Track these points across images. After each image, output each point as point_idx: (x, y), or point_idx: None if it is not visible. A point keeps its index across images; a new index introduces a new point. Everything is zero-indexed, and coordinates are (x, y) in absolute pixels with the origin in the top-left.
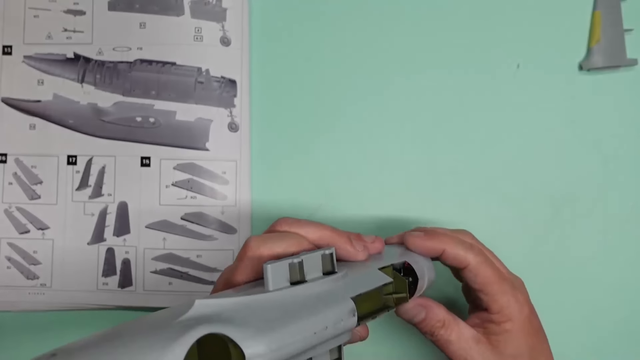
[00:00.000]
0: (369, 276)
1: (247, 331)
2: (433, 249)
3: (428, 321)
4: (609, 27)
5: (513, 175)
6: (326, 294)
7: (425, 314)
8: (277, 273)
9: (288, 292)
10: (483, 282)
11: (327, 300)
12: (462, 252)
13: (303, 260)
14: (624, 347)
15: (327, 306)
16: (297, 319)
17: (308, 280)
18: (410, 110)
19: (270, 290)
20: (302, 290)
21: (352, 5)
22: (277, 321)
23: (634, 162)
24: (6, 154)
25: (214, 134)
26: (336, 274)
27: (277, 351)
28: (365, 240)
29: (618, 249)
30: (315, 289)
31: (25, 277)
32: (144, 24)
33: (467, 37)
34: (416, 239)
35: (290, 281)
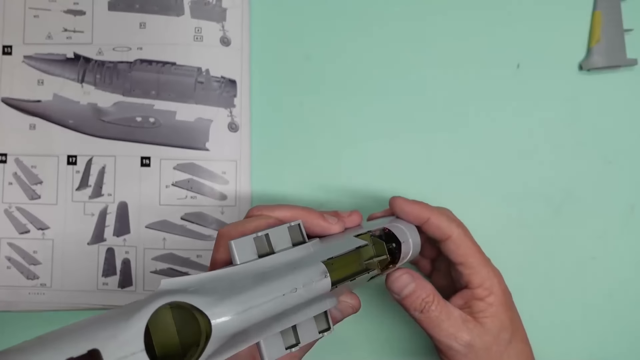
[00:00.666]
0: (342, 242)
1: (210, 298)
2: (418, 215)
3: (418, 294)
4: (609, 27)
5: (513, 175)
6: (295, 260)
7: (414, 286)
8: (243, 247)
9: (256, 263)
10: (465, 253)
11: (296, 265)
12: (445, 222)
13: (269, 233)
14: (624, 347)
15: (295, 269)
16: (263, 283)
17: (277, 251)
18: (410, 110)
19: (238, 263)
20: (270, 260)
21: (352, 5)
22: (243, 287)
23: (634, 162)
24: (6, 154)
25: (214, 134)
26: (306, 243)
27: (243, 313)
28: (341, 214)
29: (618, 249)
30: (284, 257)
31: (25, 277)
32: (144, 24)
33: (467, 37)
34: (401, 201)
35: (258, 254)
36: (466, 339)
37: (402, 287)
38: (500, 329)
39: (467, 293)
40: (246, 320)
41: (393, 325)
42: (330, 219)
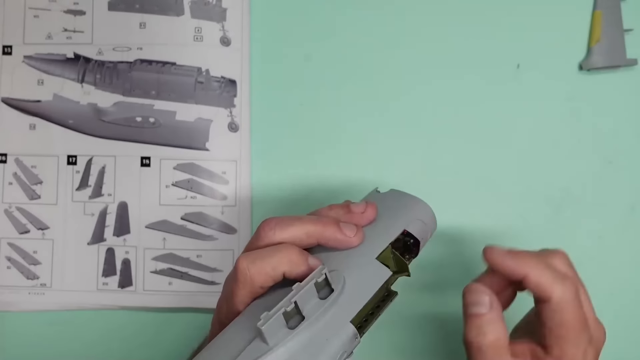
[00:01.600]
0: (367, 277)
1: None
2: (513, 270)
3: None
4: (609, 27)
5: (513, 175)
6: (325, 328)
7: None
8: (273, 327)
9: (289, 341)
10: (560, 324)
11: (326, 336)
12: (548, 281)
13: (297, 301)
14: (624, 347)
15: (329, 342)
16: None
17: (306, 316)
18: (410, 111)
19: (271, 346)
20: (301, 333)
21: (352, 6)
22: None
23: (634, 162)
24: (6, 154)
25: (214, 134)
26: (332, 294)
27: None
28: (354, 211)
29: (618, 249)
30: (315, 325)
31: (25, 277)
32: (144, 24)
33: (467, 38)
34: (496, 254)
35: (289, 326)
36: None
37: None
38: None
39: (537, 352)
40: None
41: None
42: (348, 230)
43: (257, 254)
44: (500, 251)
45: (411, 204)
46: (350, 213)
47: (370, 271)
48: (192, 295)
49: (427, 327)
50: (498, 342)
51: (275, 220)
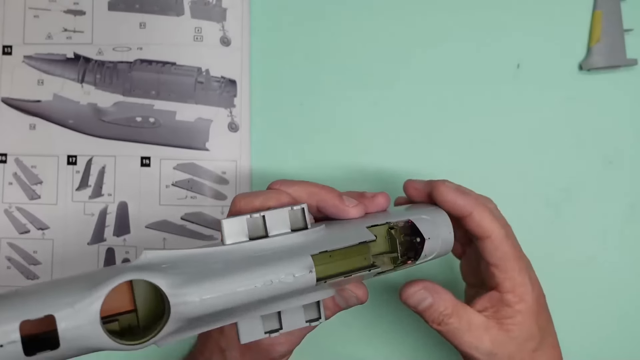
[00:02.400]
0: (348, 233)
1: (177, 279)
2: (462, 208)
3: (435, 308)
4: (609, 27)
5: (513, 175)
6: (282, 249)
7: (431, 300)
8: (234, 227)
9: (243, 246)
10: (502, 256)
11: (281, 255)
12: (488, 220)
13: (266, 215)
14: (624, 348)
15: (277, 261)
16: (236, 272)
17: (270, 236)
18: (410, 111)
19: (226, 244)
20: (258, 245)
21: (352, 6)
22: (215, 273)
23: (634, 162)
24: (6, 154)
25: (214, 134)
26: (305, 230)
27: (209, 301)
28: (366, 195)
29: (618, 249)
30: (275, 244)
31: (25, 277)
32: (144, 24)
33: (468, 37)
34: (449, 190)
35: (250, 236)
36: (488, 347)
37: (417, 303)
38: (527, 338)
39: (496, 296)
40: (211, 306)
41: (403, 325)
42: (349, 201)
43: (252, 192)
44: (452, 188)
45: (430, 208)
46: (361, 195)
47: (352, 230)
48: None
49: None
50: (458, 314)
51: (284, 179)
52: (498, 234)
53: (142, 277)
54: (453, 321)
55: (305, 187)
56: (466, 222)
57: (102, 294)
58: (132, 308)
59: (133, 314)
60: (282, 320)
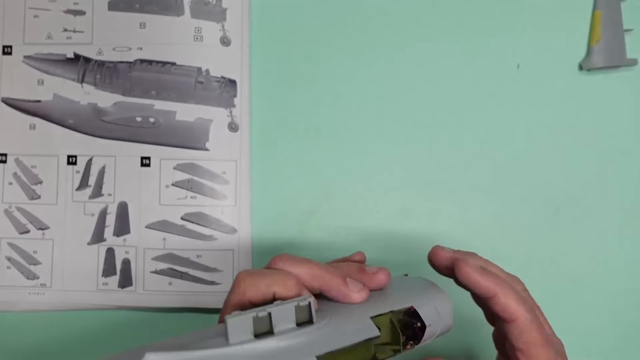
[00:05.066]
0: (353, 327)
1: None
2: (486, 290)
3: None
4: (609, 27)
5: (513, 176)
6: (288, 350)
7: None
8: (239, 327)
9: (249, 347)
10: (528, 342)
11: (288, 357)
12: (514, 303)
13: (271, 312)
14: (624, 348)
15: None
16: None
17: (276, 333)
18: (410, 111)
19: (230, 344)
20: (264, 345)
21: (352, 6)
22: None
23: (634, 162)
24: (6, 154)
25: (214, 134)
26: (311, 326)
27: None
28: (366, 271)
29: (617, 249)
30: (280, 343)
31: (25, 277)
32: (144, 24)
33: (468, 38)
34: (471, 272)
35: (255, 333)
36: None
37: None
38: None
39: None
40: None
41: None
42: (353, 285)
43: (257, 271)
44: (477, 269)
45: (432, 291)
46: (362, 272)
47: (358, 324)
48: (192, 295)
49: None
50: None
51: (288, 255)
52: (524, 318)
53: None
54: None
55: (310, 270)
56: (491, 304)
57: None
58: None
59: None
60: None
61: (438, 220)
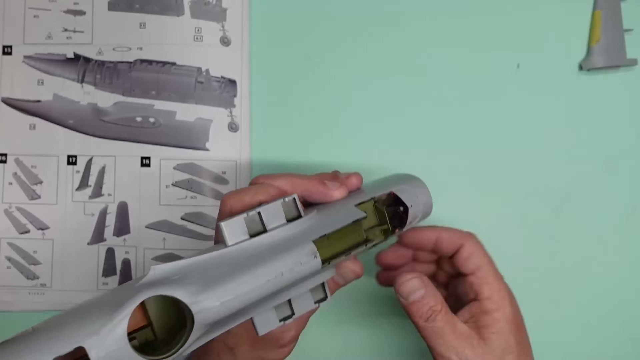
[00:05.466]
0: (340, 214)
1: (193, 287)
2: (428, 237)
3: (426, 301)
4: (609, 27)
5: (513, 175)
6: (284, 240)
7: (424, 292)
8: (233, 228)
9: (246, 244)
10: (477, 264)
11: (285, 246)
12: (458, 234)
13: (261, 211)
14: (624, 347)
15: (282, 252)
16: (247, 270)
17: (269, 230)
18: (411, 111)
19: (229, 245)
20: (260, 240)
21: (352, 5)
22: (227, 275)
23: (634, 162)
24: (6, 154)
25: (214, 134)
26: (300, 219)
27: (227, 302)
28: (340, 177)
29: (618, 249)
30: (275, 237)
31: (25, 277)
32: (144, 24)
33: (467, 38)
34: (408, 232)
35: (250, 234)
36: (468, 355)
37: (410, 292)
38: (505, 350)
39: (475, 306)
40: (231, 307)
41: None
42: (331, 184)
43: (241, 190)
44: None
45: (408, 179)
46: (336, 177)
47: (344, 211)
48: None
49: None
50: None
51: (266, 174)
52: (469, 243)
53: (160, 292)
54: (440, 319)
55: (289, 179)
56: (439, 246)
57: (126, 315)
58: (146, 323)
59: (148, 328)
60: (293, 307)
61: (438, 220)
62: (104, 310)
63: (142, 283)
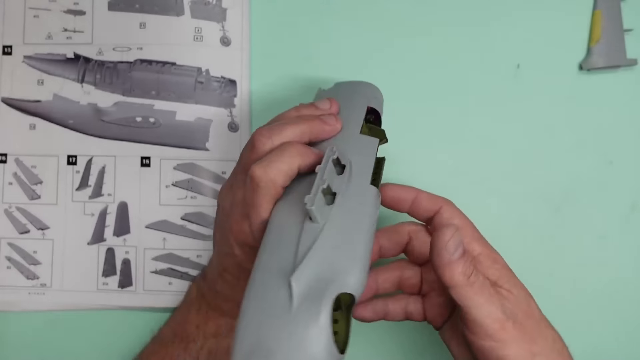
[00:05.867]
0: (363, 147)
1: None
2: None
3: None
4: (609, 27)
5: (513, 175)
6: (354, 194)
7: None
8: (319, 205)
9: (332, 215)
10: (459, 223)
11: (358, 199)
12: (436, 197)
13: (326, 179)
14: (624, 348)
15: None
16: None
17: (336, 191)
18: (410, 111)
19: (321, 223)
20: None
21: (352, 6)
22: (351, 251)
23: (634, 162)
24: (6, 154)
25: (214, 134)
26: (345, 168)
27: (365, 268)
28: (322, 107)
29: (618, 249)
30: (346, 196)
31: (25, 277)
32: (144, 24)
33: (468, 38)
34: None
35: (327, 203)
36: (507, 306)
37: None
38: (526, 294)
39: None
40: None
41: None
42: (329, 119)
43: (267, 159)
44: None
45: (360, 87)
46: (320, 109)
47: (363, 143)
48: None
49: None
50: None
51: (266, 128)
52: (449, 204)
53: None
54: (478, 274)
55: (295, 130)
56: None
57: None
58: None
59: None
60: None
61: None
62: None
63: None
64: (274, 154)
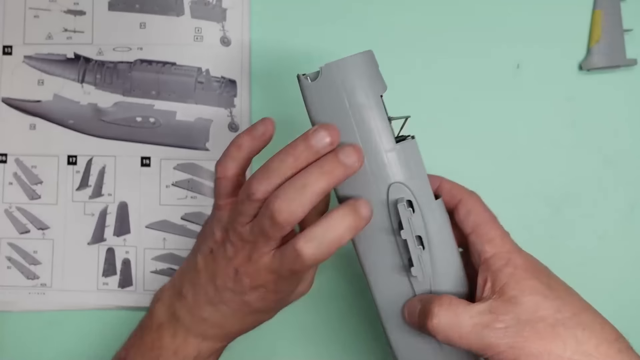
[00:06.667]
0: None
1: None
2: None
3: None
4: (609, 27)
5: (513, 175)
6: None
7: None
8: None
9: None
10: (476, 221)
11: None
12: (458, 187)
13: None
14: None
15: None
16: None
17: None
18: (410, 110)
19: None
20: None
21: (352, 6)
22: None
23: (634, 162)
24: (6, 154)
25: (214, 134)
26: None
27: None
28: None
29: (618, 249)
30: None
31: (25, 277)
32: (144, 24)
33: (467, 37)
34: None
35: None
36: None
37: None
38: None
39: (484, 269)
40: None
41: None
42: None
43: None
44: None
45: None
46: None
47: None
48: None
49: None
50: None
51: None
52: (467, 195)
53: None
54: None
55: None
56: (439, 192)
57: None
58: None
59: None
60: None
61: None
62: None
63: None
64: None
